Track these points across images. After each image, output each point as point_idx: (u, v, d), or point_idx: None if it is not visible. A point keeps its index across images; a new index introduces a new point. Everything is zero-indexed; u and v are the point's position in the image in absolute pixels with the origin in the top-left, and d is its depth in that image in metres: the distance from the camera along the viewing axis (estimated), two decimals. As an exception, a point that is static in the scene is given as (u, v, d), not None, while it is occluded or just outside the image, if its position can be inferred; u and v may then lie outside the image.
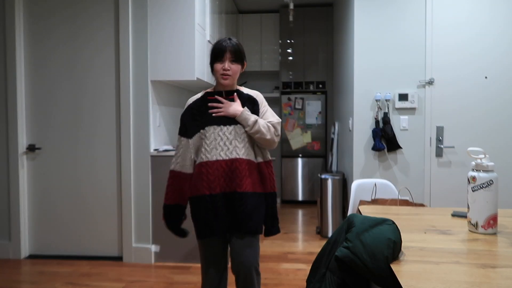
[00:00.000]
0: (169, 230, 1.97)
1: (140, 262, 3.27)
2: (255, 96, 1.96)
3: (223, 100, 1.89)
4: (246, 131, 1.86)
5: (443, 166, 3.43)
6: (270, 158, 1.96)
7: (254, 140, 1.89)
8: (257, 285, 1.92)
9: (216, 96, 1.91)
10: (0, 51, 3.33)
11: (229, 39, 1.91)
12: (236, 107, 1.87)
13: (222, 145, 1.84)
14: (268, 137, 1.87)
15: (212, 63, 1.90)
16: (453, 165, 3.42)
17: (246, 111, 1.86)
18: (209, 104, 1.90)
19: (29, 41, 3.37)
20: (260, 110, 1.94)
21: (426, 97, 3.42)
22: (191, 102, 1.95)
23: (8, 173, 3.37)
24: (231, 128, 1.85)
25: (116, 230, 3.35)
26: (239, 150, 1.84)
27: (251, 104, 1.92)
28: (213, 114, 1.86)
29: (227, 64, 1.85)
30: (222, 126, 1.85)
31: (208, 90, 1.97)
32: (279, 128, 1.93)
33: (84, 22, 3.31)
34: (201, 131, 1.87)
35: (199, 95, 1.96)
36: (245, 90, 1.98)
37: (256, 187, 1.86)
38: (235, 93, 1.93)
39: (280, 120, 1.97)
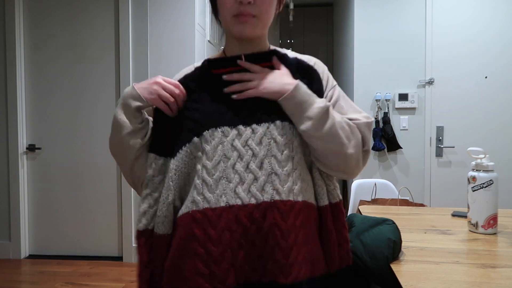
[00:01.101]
0: None
1: (140, 262, 3.26)
2: (312, 64, 0.96)
3: (253, 66, 0.89)
4: (299, 134, 0.85)
5: (443, 166, 3.43)
6: (340, 197, 0.92)
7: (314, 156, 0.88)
8: None
9: (239, 62, 0.90)
10: (0, 50, 3.33)
11: None
12: (282, 78, 0.87)
13: (242, 170, 0.82)
14: (350, 150, 0.85)
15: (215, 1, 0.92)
16: (453, 165, 3.42)
17: (304, 87, 0.86)
18: (224, 77, 0.88)
19: (29, 40, 3.36)
20: (326, 92, 0.93)
21: (426, 97, 3.41)
22: (178, 78, 0.95)
23: (8, 173, 3.36)
24: (261, 129, 0.84)
25: (116, 230, 3.35)
26: (281, 182, 0.82)
27: (306, 79, 0.90)
28: (233, 96, 0.86)
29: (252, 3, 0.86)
30: (241, 127, 0.84)
31: (211, 57, 0.97)
32: (369, 135, 0.94)
33: (84, 21, 3.31)
34: (195, 139, 0.85)
35: (192, 67, 0.98)
36: (289, 52, 0.99)
37: (317, 265, 0.86)
38: (274, 55, 0.93)
39: (372, 119, 0.96)
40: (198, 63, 0.97)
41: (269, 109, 0.84)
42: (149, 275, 0.90)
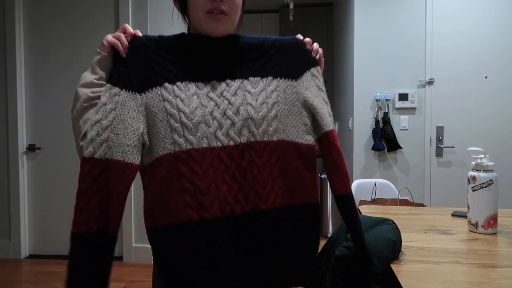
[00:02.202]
0: None
1: (140, 262, 3.26)
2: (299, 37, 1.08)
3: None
4: (265, 89, 0.95)
5: (443, 166, 3.43)
6: (333, 126, 1.01)
7: (303, 97, 1.00)
8: None
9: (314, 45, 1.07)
10: (0, 50, 3.33)
11: None
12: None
13: (219, 117, 0.90)
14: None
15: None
16: (453, 165, 3.42)
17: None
18: (306, 41, 1.06)
19: (29, 41, 3.36)
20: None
21: (426, 97, 3.42)
22: (150, 36, 0.98)
23: (8, 173, 3.36)
24: (235, 84, 0.94)
25: (116, 230, 3.35)
26: (255, 126, 0.92)
27: (289, 44, 1.06)
28: (318, 50, 1.08)
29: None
30: (215, 82, 0.93)
31: (178, 34, 0.99)
32: None
33: (84, 21, 3.31)
34: (167, 85, 0.89)
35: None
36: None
37: (297, 196, 0.97)
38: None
39: None
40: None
41: (242, 68, 0.95)
42: (87, 202, 0.85)
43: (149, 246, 0.94)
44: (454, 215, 1.74)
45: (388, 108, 3.46)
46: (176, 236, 0.88)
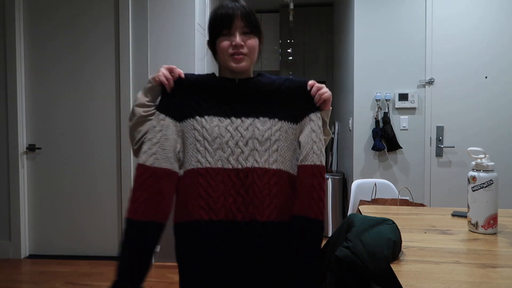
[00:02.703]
0: (119, 276, 1.21)
1: (140, 262, 3.26)
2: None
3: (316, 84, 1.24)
4: (269, 129, 1.20)
5: (443, 166, 3.43)
6: (322, 162, 1.22)
7: (300, 137, 1.23)
8: None
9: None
10: (0, 50, 3.33)
11: (236, 0, 1.26)
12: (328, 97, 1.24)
13: (233, 146, 1.17)
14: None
15: (214, 39, 1.26)
16: (453, 165, 3.42)
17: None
18: (311, 85, 1.23)
19: (29, 41, 3.36)
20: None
21: (426, 97, 3.42)
22: (188, 73, 1.27)
23: (8, 173, 3.36)
24: (248, 121, 1.19)
25: (116, 230, 3.35)
26: (259, 156, 1.17)
27: (295, 89, 1.25)
28: (322, 96, 1.22)
29: (238, 38, 1.20)
30: (233, 118, 1.19)
31: (210, 74, 1.30)
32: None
33: (84, 22, 3.31)
34: (197, 118, 1.19)
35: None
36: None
37: (286, 214, 1.19)
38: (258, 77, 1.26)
39: None
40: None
41: (254, 109, 1.21)
42: (138, 197, 1.17)
43: None
44: (454, 215, 1.74)
45: (388, 108, 3.46)
46: (190, 230, 1.17)
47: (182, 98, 1.22)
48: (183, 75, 1.24)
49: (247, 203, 1.15)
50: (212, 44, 1.28)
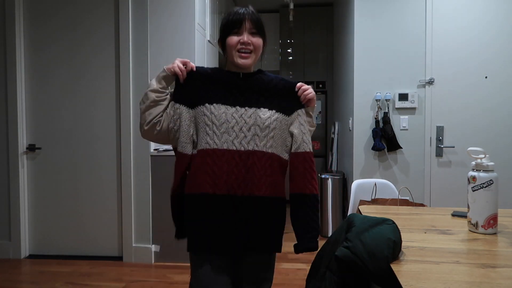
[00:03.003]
0: (176, 226, 1.51)
1: (140, 262, 3.26)
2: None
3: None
4: (269, 118, 1.41)
5: (443, 166, 3.43)
6: (311, 149, 1.48)
7: (291, 128, 1.47)
8: None
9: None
10: (0, 51, 3.33)
11: (247, 6, 1.45)
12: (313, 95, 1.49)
13: (238, 130, 1.37)
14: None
15: (225, 36, 1.44)
16: (453, 165, 3.42)
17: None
18: (298, 87, 1.47)
19: (29, 41, 3.36)
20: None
21: (426, 97, 3.42)
22: (199, 66, 1.48)
23: (8, 173, 3.37)
24: (251, 110, 1.40)
25: (116, 230, 3.35)
26: (259, 140, 1.38)
27: (287, 88, 1.48)
28: (307, 95, 1.46)
29: (246, 37, 1.40)
30: (238, 108, 1.39)
31: (219, 68, 1.55)
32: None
33: (83, 21, 3.31)
34: (207, 105, 1.39)
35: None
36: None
37: (278, 191, 1.44)
38: (259, 74, 1.49)
39: None
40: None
41: (257, 101, 1.42)
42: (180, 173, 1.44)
43: (149, 246, 1.74)
44: (454, 215, 1.74)
45: (388, 108, 3.46)
46: (198, 200, 1.39)
47: (194, 88, 1.43)
48: (195, 68, 1.44)
49: (247, 180, 1.37)
50: (223, 42, 1.46)
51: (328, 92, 5.63)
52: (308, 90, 1.48)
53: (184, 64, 1.43)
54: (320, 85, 5.67)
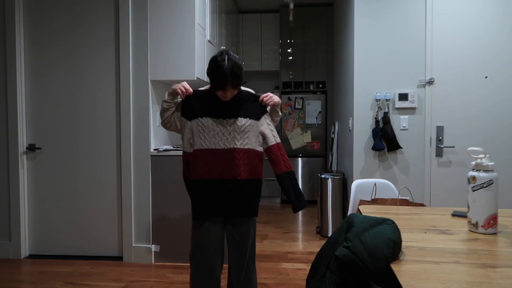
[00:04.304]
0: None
1: (140, 262, 3.27)
2: (248, 90, 2.13)
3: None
4: (244, 125, 1.98)
5: (443, 166, 3.43)
6: (278, 140, 2.09)
7: (261, 128, 2.05)
8: (254, 266, 2.15)
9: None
10: (0, 51, 3.33)
11: (228, 59, 1.87)
12: (275, 97, 2.09)
13: (221, 135, 1.97)
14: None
15: (212, 86, 1.93)
16: (453, 165, 3.42)
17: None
18: (261, 99, 2.05)
19: (29, 41, 3.37)
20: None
21: (426, 97, 3.42)
22: (196, 90, 2.05)
23: (8, 173, 3.37)
24: (231, 121, 1.97)
25: (116, 230, 3.35)
26: (237, 141, 1.97)
27: (255, 100, 2.06)
28: (269, 103, 2.04)
29: (228, 93, 1.92)
30: (221, 119, 1.97)
31: (209, 89, 2.06)
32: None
33: (83, 21, 3.31)
34: (199, 118, 1.98)
35: (204, 88, 2.10)
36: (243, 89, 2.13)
37: (254, 175, 2.01)
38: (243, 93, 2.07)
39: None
40: (207, 87, 2.09)
41: (233, 113, 1.99)
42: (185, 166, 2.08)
43: (149, 245, 2.61)
44: (454, 215, 1.74)
45: (388, 108, 3.46)
46: (198, 184, 2.00)
47: (191, 105, 2.02)
48: (191, 92, 2.01)
49: (230, 169, 1.97)
50: (210, 84, 1.97)
51: (328, 92, 5.63)
52: (267, 97, 2.05)
53: (186, 88, 1.99)
54: (320, 85, 5.67)
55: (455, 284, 0.99)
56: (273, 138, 2.05)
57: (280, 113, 2.16)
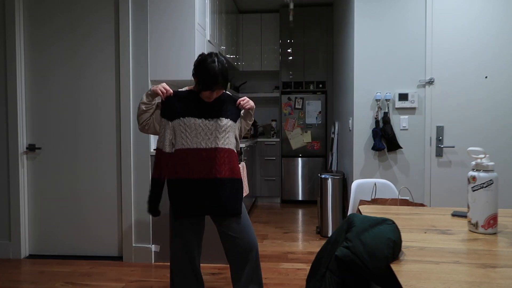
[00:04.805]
0: (149, 205, 2.09)
1: (140, 262, 3.27)
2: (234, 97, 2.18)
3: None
4: (225, 125, 2.03)
5: (443, 166, 3.43)
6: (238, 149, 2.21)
7: (236, 131, 2.13)
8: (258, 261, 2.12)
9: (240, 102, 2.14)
10: (0, 51, 3.33)
11: (218, 61, 1.94)
12: (250, 102, 2.14)
13: (203, 135, 1.98)
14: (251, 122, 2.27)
15: (201, 86, 1.96)
16: (453, 165, 3.42)
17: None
18: (238, 102, 2.10)
19: (29, 41, 3.36)
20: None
21: (426, 97, 3.41)
22: (177, 90, 2.07)
23: (8, 173, 3.37)
24: (213, 121, 2.00)
25: (116, 230, 3.35)
26: (219, 141, 2.00)
27: (233, 103, 2.11)
28: (245, 106, 2.07)
29: (215, 94, 1.98)
30: (203, 119, 2.00)
31: (193, 88, 2.09)
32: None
33: (83, 21, 3.31)
34: (181, 118, 1.98)
35: (184, 89, 2.13)
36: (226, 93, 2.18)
37: (234, 174, 2.05)
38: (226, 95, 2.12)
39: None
40: (187, 88, 2.14)
41: (215, 113, 2.02)
42: (154, 166, 2.06)
43: (149, 246, 2.58)
44: (454, 215, 1.74)
45: (388, 108, 3.46)
46: (177, 184, 2.01)
47: (172, 106, 2.02)
48: (172, 93, 2.03)
49: (211, 167, 1.99)
50: (198, 85, 2.00)
51: (328, 92, 5.63)
52: (244, 101, 2.10)
53: (166, 89, 2.00)
54: (320, 85, 5.67)
55: (455, 284, 1.00)
56: (238, 144, 2.18)
57: (253, 118, 2.24)
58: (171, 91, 2.00)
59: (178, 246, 2.07)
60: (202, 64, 1.95)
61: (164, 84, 2.01)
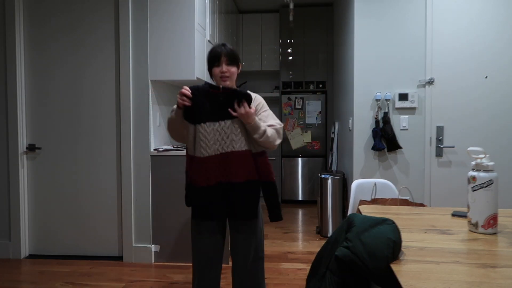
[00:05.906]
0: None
1: (140, 262, 3.27)
2: (253, 95, 2.03)
3: (246, 106, 1.91)
4: (240, 126, 1.92)
5: (443, 166, 3.43)
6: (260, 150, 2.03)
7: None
8: (261, 271, 2.09)
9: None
10: (0, 51, 3.33)
11: (223, 44, 2.02)
12: (251, 115, 1.90)
13: (220, 140, 1.93)
14: (272, 144, 1.98)
15: (210, 68, 2.02)
16: (453, 165, 3.42)
17: (258, 120, 1.94)
18: (237, 107, 1.95)
19: (29, 41, 3.36)
20: (258, 111, 2.04)
21: (426, 97, 3.42)
22: (192, 86, 1.94)
23: (8, 173, 3.37)
24: (228, 122, 1.93)
25: (116, 230, 3.35)
26: (235, 143, 1.93)
27: (248, 101, 1.91)
28: (233, 114, 1.89)
29: (224, 67, 1.97)
30: (220, 122, 1.92)
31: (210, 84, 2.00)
32: (281, 132, 2.03)
33: (83, 21, 3.31)
34: (202, 124, 1.92)
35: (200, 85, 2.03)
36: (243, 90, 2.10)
37: (250, 176, 1.96)
38: (236, 91, 1.95)
39: (282, 125, 2.07)
40: (202, 84, 1.98)
41: (229, 114, 1.91)
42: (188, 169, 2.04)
43: (149, 246, 2.63)
44: (454, 215, 1.74)
45: (388, 108, 3.46)
46: (196, 191, 1.99)
47: (192, 108, 1.92)
48: (190, 95, 1.89)
49: (228, 173, 1.95)
50: (210, 71, 2.05)
51: (328, 92, 5.63)
52: (240, 110, 1.96)
53: (184, 94, 1.88)
54: (320, 85, 5.67)
55: (455, 284, 1.00)
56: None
57: (256, 134, 1.99)
58: (189, 93, 1.87)
59: (197, 247, 2.07)
60: (210, 49, 2.06)
61: (183, 91, 1.88)
